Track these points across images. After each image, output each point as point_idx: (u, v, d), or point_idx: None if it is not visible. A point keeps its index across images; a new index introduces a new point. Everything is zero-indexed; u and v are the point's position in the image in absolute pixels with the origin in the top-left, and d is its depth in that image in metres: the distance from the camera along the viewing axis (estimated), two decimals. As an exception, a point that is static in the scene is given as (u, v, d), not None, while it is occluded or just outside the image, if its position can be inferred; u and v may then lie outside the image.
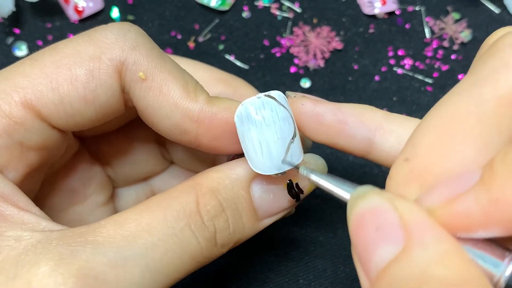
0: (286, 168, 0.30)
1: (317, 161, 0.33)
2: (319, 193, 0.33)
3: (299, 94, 0.33)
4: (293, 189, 0.32)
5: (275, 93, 0.30)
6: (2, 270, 0.25)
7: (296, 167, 0.29)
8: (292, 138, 0.30)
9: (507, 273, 0.20)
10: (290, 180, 0.31)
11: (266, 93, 0.30)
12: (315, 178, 0.27)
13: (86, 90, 0.29)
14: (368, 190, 0.23)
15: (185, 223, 0.28)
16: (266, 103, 0.29)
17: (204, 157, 0.39)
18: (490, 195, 0.20)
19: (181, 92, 0.30)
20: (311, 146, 0.35)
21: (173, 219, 0.28)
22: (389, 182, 0.25)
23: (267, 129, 0.29)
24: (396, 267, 0.20)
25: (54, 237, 0.26)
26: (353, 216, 0.23)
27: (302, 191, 0.32)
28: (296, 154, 0.30)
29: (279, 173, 0.30)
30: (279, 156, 0.29)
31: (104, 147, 0.39)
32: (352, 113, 0.31)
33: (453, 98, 0.24)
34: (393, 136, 0.30)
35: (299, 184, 0.32)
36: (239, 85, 0.39)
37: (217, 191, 0.30)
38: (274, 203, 0.32)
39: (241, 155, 0.31)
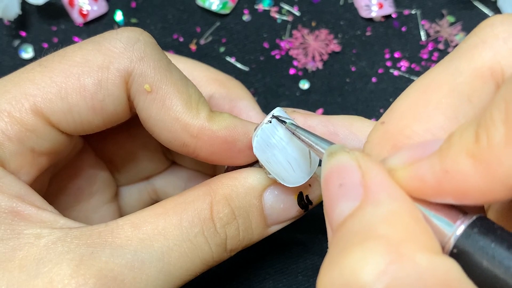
0: (314, 169, 0.30)
1: None
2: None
3: (289, 110, 0.33)
4: (303, 201, 0.32)
5: (276, 111, 0.30)
6: (23, 267, 0.25)
7: (301, 140, 0.29)
8: None
9: (458, 233, 0.21)
10: (301, 192, 0.32)
11: (269, 115, 0.30)
12: (299, 134, 0.28)
13: (94, 100, 0.29)
14: (338, 148, 0.23)
15: (199, 229, 0.29)
16: (276, 124, 0.30)
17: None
18: (442, 166, 0.20)
19: (183, 106, 0.30)
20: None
21: (188, 225, 0.29)
22: (365, 145, 0.25)
23: (289, 146, 0.29)
24: (350, 221, 0.21)
25: (74, 235, 0.27)
26: (323, 172, 0.23)
27: (311, 202, 0.32)
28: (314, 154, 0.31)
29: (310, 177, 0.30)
30: (307, 163, 0.30)
31: (108, 146, 0.39)
32: (342, 124, 0.32)
33: (434, 70, 0.25)
34: None
35: (309, 196, 0.32)
36: (233, 86, 0.39)
37: (231, 199, 0.30)
38: (283, 212, 0.32)
39: (237, 167, 0.32)
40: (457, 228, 0.21)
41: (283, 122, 0.29)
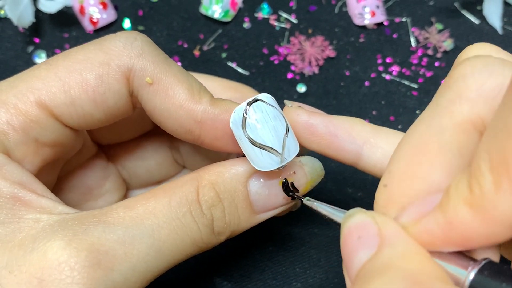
0: (286, 161, 0.30)
1: (314, 164, 0.33)
2: (314, 190, 0.33)
3: (295, 104, 0.33)
4: (288, 188, 0.31)
5: (263, 96, 0.30)
6: (21, 246, 0.26)
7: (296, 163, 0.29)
8: (286, 133, 0.30)
9: (470, 278, 0.22)
10: (285, 179, 0.31)
11: (254, 97, 0.30)
12: (316, 207, 0.29)
13: (96, 94, 0.30)
14: (356, 210, 0.25)
15: (187, 209, 0.29)
16: (256, 106, 0.29)
17: (215, 161, 0.39)
18: (445, 218, 0.21)
19: (186, 94, 0.30)
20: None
21: (177, 205, 0.29)
22: (375, 205, 0.26)
23: (260, 131, 0.29)
24: (368, 264, 0.22)
25: (70, 218, 0.27)
26: (343, 232, 0.24)
27: (297, 190, 0.32)
28: (292, 147, 0.30)
29: (280, 167, 0.30)
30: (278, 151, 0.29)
31: (119, 152, 0.39)
32: (343, 127, 0.31)
33: (418, 128, 0.25)
34: (379, 151, 0.30)
35: (294, 183, 0.32)
36: (247, 91, 0.39)
37: (216, 184, 0.30)
38: (269, 199, 0.32)
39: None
40: (469, 274, 0.22)
41: (300, 199, 0.30)
